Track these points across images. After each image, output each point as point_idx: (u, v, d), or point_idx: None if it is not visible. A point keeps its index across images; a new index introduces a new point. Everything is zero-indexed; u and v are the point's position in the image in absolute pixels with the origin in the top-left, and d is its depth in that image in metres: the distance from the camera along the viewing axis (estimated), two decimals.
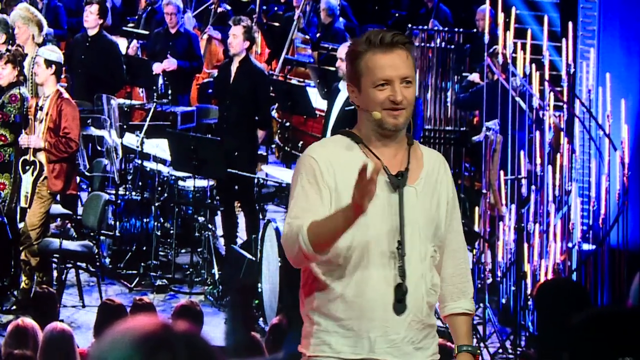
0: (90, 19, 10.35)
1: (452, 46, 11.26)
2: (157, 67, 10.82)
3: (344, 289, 3.42)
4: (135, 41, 11.70)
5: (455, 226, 3.63)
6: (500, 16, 8.26)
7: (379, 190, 3.34)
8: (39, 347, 5.51)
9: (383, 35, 3.42)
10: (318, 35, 12.65)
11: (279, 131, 11.76)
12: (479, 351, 3.62)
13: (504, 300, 8.15)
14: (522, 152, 8.03)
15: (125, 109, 10.44)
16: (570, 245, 7.73)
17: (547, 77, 8.06)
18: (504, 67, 8.46)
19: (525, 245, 7.69)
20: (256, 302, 7.63)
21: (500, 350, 7.41)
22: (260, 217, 8.29)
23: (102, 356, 1.92)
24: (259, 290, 7.65)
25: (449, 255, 3.62)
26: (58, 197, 8.51)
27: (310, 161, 3.44)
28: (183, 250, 9.19)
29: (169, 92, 10.51)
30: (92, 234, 8.45)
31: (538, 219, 7.85)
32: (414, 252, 3.44)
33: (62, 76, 9.08)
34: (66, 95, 8.13)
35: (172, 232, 8.77)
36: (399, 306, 3.40)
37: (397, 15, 14.66)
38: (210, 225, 8.70)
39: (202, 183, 8.78)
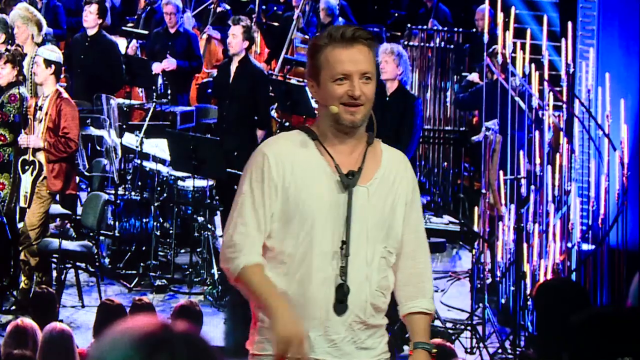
0: (90, 18, 10.35)
1: (452, 46, 11.27)
2: (156, 67, 10.82)
3: (287, 287, 3.42)
4: (134, 41, 11.69)
5: (415, 226, 3.58)
6: (500, 16, 8.26)
7: (328, 189, 3.38)
8: (38, 347, 5.51)
9: (344, 30, 3.41)
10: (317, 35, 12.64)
11: (278, 131, 11.75)
12: (434, 350, 3.56)
13: (503, 301, 8.15)
14: (521, 152, 8.03)
15: (125, 108, 10.44)
16: (569, 245, 7.72)
17: (546, 76, 8.06)
18: (504, 66, 8.46)
19: (525, 245, 7.68)
20: None
21: (500, 351, 7.41)
22: None
23: (102, 356, 1.92)
24: None
25: (407, 256, 3.58)
26: (57, 197, 8.51)
27: (262, 157, 3.45)
28: (182, 251, 9.19)
29: (169, 91, 10.51)
30: (91, 234, 8.45)
31: (537, 219, 7.85)
32: (359, 253, 3.41)
33: (62, 76, 9.07)
34: (65, 95, 8.13)
35: (171, 232, 8.77)
36: (339, 307, 3.39)
37: (396, 15, 14.66)
38: (209, 225, 8.69)
39: (201, 183, 8.78)
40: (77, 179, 8.89)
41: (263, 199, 3.42)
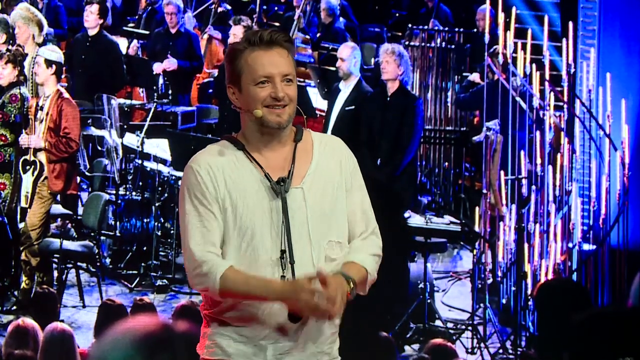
0: (91, 18, 10.36)
1: (453, 46, 11.28)
2: (157, 67, 10.82)
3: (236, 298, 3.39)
4: (135, 41, 11.70)
5: (360, 205, 3.50)
6: (501, 16, 8.26)
7: (262, 198, 3.36)
8: (39, 348, 5.51)
9: (262, 34, 3.40)
10: (318, 35, 12.66)
11: None
12: (352, 285, 3.39)
13: (504, 301, 8.15)
14: (522, 152, 8.03)
15: (126, 108, 10.44)
16: (570, 245, 7.72)
17: (547, 77, 8.06)
18: (504, 67, 8.46)
19: (526, 246, 7.68)
20: None
21: (501, 351, 7.41)
22: None
23: (103, 356, 1.93)
24: None
25: (358, 238, 3.51)
26: (58, 197, 8.51)
27: (194, 174, 3.40)
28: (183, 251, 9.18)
29: (170, 92, 10.51)
30: (92, 234, 8.45)
31: (538, 219, 7.85)
32: (305, 257, 3.38)
33: (63, 76, 9.08)
34: (66, 95, 8.14)
35: (172, 232, 8.77)
36: (292, 316, 3.36)
37: (397, 15, 14.67)
38: None
39: None
40: (78, 179, 8.89)
41: (210, 212, 3.37)
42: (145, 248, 8.78)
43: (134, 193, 9.24)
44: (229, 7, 13.33)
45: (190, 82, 11.51)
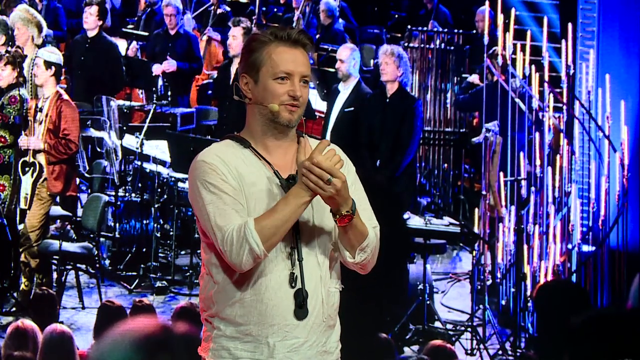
0: (90, 20, 10.37)
1: (452, 47, 11.28)
2: (156, 69, 10.82)
3: (242, 294, 3.37)
4: (134, 42, 11.70)
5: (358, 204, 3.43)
6: (500, 17, 8.27)
7: (273, 195, 3.35)
8: (38, 349, 5.51)
9: (290, 32, 3.41)
10: (317, 36, 12.66)
11: None
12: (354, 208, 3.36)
13: (503, 302, 8.15)
14: (521, 154, 8.03)
15: (125, 110, 10.45)
16: (569, 246, 7.73)
17: (546, 78, 8.06)
18: (504, 68, 8.47)
19: (525, 247, 7.69)
20: None
21: (500, 352, 7.41)
22: None
23: (102, 357, 1.93)
24: None
25: None
26: (58, 199, 8.51)
27: (204, 165, 3.39)
28: (183, 252, 9.19)
29: (169, 93, 10.52)
30: (91, 235, 8.45)
31: (538, 220, 7.85)
32: (311, 254, 3.39)
33: (62, 77, 9.08)
34: (66, 96, 8.14)
35: (171, 233, 8.77)
36: (299, 312, 3.36)
37: (396, 16, 14.67)
38: None
39: None
40: (78, 180, 8.90)
41: (234, 194, 3.33)
42: (144, 249, 8.77)
43: (133, 194, 9.24)
44: (228, 9, 13.33)
45: (189, 84, 11.51)
